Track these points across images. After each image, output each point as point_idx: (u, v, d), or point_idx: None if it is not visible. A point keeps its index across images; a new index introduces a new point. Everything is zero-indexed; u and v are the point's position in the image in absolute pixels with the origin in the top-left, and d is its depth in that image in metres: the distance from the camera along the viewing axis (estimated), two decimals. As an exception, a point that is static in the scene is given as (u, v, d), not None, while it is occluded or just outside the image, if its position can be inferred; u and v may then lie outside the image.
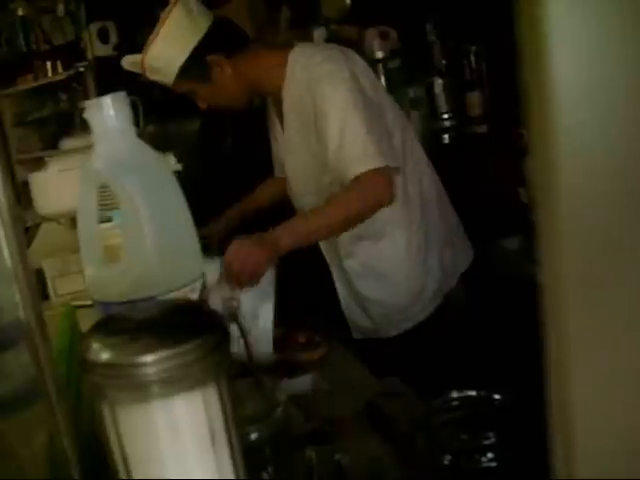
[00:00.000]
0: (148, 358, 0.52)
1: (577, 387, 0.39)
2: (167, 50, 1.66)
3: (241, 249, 1.45)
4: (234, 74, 1.72)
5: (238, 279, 1.44)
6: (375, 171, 1.55)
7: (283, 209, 1.97)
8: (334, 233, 1.72)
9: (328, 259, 1.92)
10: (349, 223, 1.63)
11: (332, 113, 1.60)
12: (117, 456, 0.56)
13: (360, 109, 1.59)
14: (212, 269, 1.39)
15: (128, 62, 1.74)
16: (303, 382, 1.38)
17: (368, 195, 1.57)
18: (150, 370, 0.52)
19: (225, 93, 1.76)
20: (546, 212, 0.38)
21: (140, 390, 0.53)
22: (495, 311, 1.85)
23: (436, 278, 1.83)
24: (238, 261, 1.43)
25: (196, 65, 1.68)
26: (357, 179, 1.55)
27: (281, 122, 1.84)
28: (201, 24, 1.68)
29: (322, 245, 1.90)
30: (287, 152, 1.85)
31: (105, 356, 0.54)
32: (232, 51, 1.72)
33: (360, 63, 1.73)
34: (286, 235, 1.51)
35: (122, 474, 0.56)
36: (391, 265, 1.80)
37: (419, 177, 1.80)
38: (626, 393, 0.39)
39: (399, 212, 1.74)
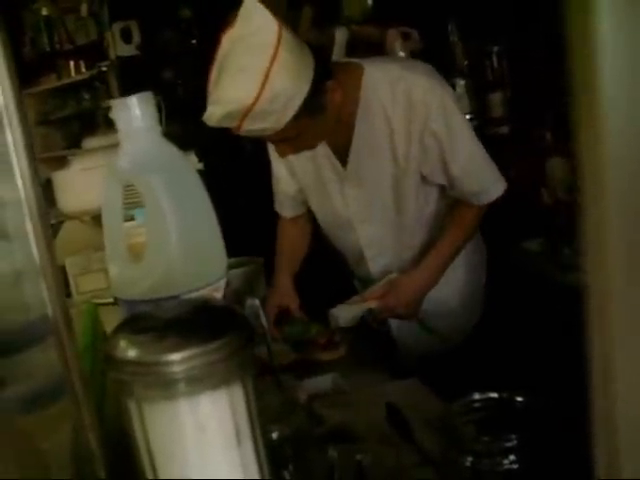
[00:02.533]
0: (175, 356, 0.53)
1: (622, 393, 0.39)
2: (290, 82, 1.35)
3: (394, 303, 1.64)
4: (340, 102, 1.49)
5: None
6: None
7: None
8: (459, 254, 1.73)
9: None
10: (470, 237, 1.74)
11: (458, 135, 1.57)
12: (143, 453, 0.56)
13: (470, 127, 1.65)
14: None
15: (217, 117, 1.37)
16: (323, 382, 1.38)
17: (482, 211, 1.69)
18: (177, 368, 0.53)
19: (329, 127, 1.52)
20: (593, 219, 0.38)
21: (166, 388, 0.54)
22: (517, 313, 1.84)
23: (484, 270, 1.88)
24: (389, 313, 1.67)
25: (317, 95, 1.42)
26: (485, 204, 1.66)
27: (340, 155, 1.66)
28: (305, 46, 1.42)
29: (364, 273, 1.81)
30: (352, 184, 1.67)
31: (132, 354, 0.54)
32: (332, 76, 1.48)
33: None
34: (426, 277, 1.67)
35: (148, 471, 0.56)
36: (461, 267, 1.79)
37: None
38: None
39: None
